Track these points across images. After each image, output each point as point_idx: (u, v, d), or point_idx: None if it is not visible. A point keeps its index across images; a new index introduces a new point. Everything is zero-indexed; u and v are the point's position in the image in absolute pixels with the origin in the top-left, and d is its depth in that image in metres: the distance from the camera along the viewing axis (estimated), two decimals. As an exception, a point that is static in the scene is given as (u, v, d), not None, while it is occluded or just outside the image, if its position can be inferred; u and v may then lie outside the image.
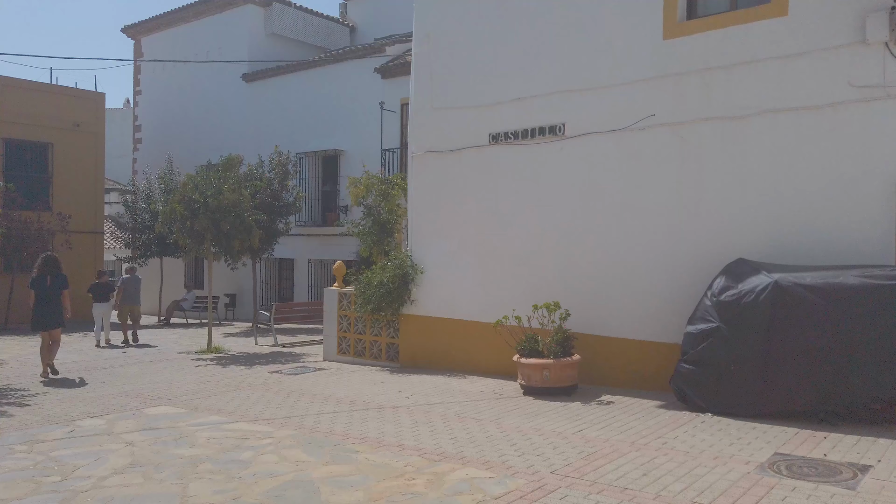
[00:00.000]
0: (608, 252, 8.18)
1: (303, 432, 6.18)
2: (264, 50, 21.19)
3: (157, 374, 9.79)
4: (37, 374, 9.65)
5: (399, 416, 6.81)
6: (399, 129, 16.41)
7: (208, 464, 5.23)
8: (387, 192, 12.83)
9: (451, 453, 5.42)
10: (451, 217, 9.62)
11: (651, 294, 7.82)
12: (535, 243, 8.79)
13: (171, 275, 21.76)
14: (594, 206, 8.31)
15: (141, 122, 24.33)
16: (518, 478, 4.79)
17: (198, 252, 12.40)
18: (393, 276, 9.79)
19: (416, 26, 10.08)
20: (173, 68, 22.64)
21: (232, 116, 21.26)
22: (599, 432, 5.96)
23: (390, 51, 17.47)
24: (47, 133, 19.80)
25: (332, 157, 19.02)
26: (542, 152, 8.72)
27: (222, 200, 11.82)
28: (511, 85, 8.99)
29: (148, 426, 6.47)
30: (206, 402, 7.60)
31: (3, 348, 13.00)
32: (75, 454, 5.52)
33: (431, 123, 9.84)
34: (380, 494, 4.53)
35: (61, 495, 4.56)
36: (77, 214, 19.14)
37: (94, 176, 21.04)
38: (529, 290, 8.55)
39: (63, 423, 6.61)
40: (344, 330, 10.93)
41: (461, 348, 9.42)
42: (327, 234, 18.59)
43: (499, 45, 9.14)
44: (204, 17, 22.20)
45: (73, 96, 20.87)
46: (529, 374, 7.55)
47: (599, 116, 8.23)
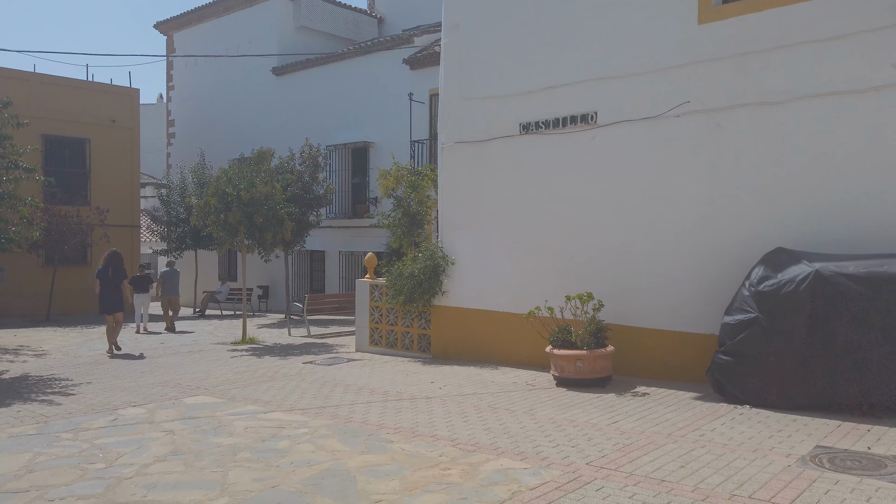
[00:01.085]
0: (642, 242, 8.08)
1: (337, 422, 6.25)
2: (294, 43, 21.33)
3: (194, 364, 9.98)
4: (79, 364, 9.93)
5: (432, 406, 6.84)
6: (428, 120, 16.40)
7: (246, 452, 5.32)
8: (416, 184, 12.86)
9: (485, 444, 5.43)
10: (482, 207, 9.60)
11: (686, 284, 7.71)
12: (566, 233, 8.72)
13: (206, 267, 22.15)
14: (627, 196, 8.20)
15: (174, 117, 24.74)
16: (553, 469, 4.78)
17: (231, 244, 12.58)
18: (424, 267, 9.82)
19: (444, 16, 10.04)
20: (205, 63, 22.94)
21: (262, 110, 21.48)
22: (635, 424, 5.91)
23: (419, 41, 17.45)
24: (84, 129, 20.25)
25: (362, 149, 19.11)
26: (573, 141, 8.64)
27: (255, 193, 11.97)
28: (541, 73, 8.90)
29: (187, 415, 6.61)
30: (243, 391, 7.73)
31: (46, 339, 13.38)
32: (118, 442, 5.66)
33: (461, 114, 9.80)
34: (415, 484, 4.56)
35: (106, 482, 4.68)
36: (114, 208, 19.57)
37: (129, 170, 21.48)
38: (561, 281, 8.50)
39: (106, 412, 6.78)
40: (376, 321, 11.01)
41: (493, 339, 9.42)
42: (357, 226, 18.72)
43: (528, 34, 9.06)
44: (234, 11, 22.44)
45: (109, 92, 21.30)
46: (562, 366, 7.51)
47: (632, 104, 8.11)
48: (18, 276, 18.44)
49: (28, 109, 16.96)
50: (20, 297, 18.36)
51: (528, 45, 9.06)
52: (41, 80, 19.74)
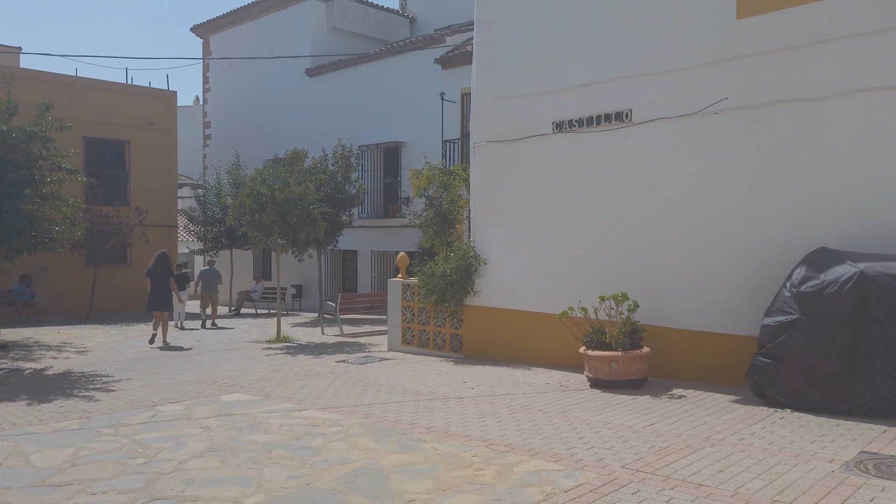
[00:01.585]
0: (678, 242, 7.94)
1: (370, 421, 6.28)
2: (326, 44, 21.53)
3: (230, 362, 10.14)
4: (119, 361, 10.17)
5: (464, 406, 6.82)
6: (460, 120, 16.39)
7: (281, 450, 5.37)
8: (448, 183, 12.85)
9: (519, 445, 5.39)
10: (514, 207, 9.55)
11: (724, 285, 7.55)
12: (600, 233, 8.62)
13: (241, 266, 22.51)
14: (663, 194, 8.07)
15: (210, 119, 25.18)
16: (588, 471, 4.73)
17: (266, 244, 12.75)
18: (456, 266, 9.81)
19: (477, 15, 10.01)
20: (240, 65, 23.30)
21: (296, 111, 21.72)
22: (671, 426, 5.81)
23: (450, 41, 17.45)
24: (124, 131, 20.74)
25: (394, 149, 19.19)
26: (607, 139, 8.54)
27: (289, 194, 12.11)
28: (575, 71, 8.82)
29: (223, 412, 6.71)
30: (277, 389, 7.82)
31: (88, 336, 13.74)
32: (157, 438, 5.78)
33: (493, 113, 9.77)
34: (448, 484, 4.55)
35: (146, 476, 4.78)
36: (152, 209, 20.01)
37: (167, 171, 21.93)
38: (594, 281, 8.41)
39: (145, 408, 6.93)
40: (408, 321, 11.04)
41: (525, 340, 9.36)
42: (389, 226, 18.80)
43: (561, 31, 8.98)
44: (268, 13, 22.73)
45: (147, 95, 21.78)
46: (597, 367, 7.43)
47: (668, 101, 7.98)
48: (61, 275, 18.98)
49: (70, 112, 17.42)
50: (63, 296, 18.88)
51: (561, 43, 8.98)
52: (83, 84, 20.27)
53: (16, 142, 8.78)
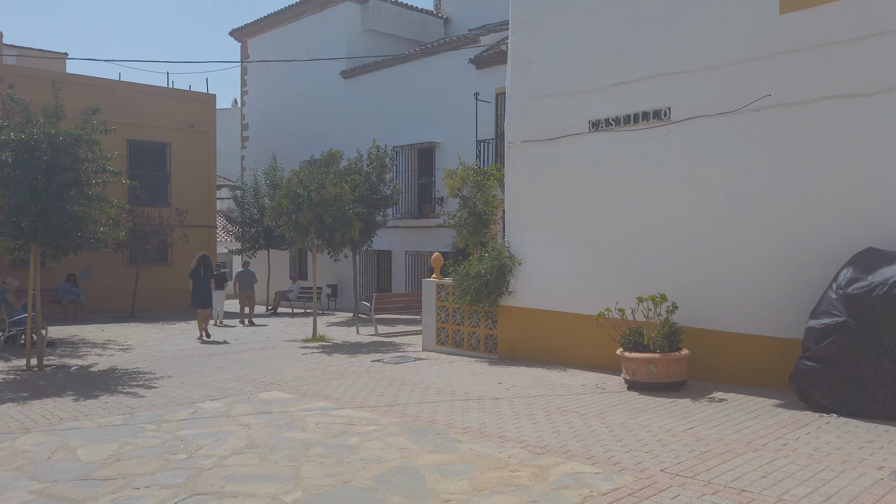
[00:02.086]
0: (718, 242, 7.78)
1: (406, 420, 6.30)
2: (362, 46, 21.70)
3: (267, 360, 10.29)
4: (161, 358, 10.42)
5: (500, 407, 6.80)
6: (494, 120, 16.35)
7: (318, 448, 5.43)
8: (482, 184, 12.83)
9: (555, 447, 5.35)
10: (549, 207, 9.48)
11: (766, 286, 7.37)
12: (637, 233, 8.50)
13: (278, 266, 22.83)
14: (702, 194, 7.92)
15: (248, 121, 25.61)
16: (626, 474, 4.66)
17: (302, 244, 12.90)
18: (490, 267, 9.78)
19: (512, 14, 9.97)
20: (277, 68, 23.65)
21: (331, 112, 21.95)
22: (712, 430, 5.69)
23: (485, 41, 17.43)
24: (165, 134, 21.22)
25: (428, 150, 19.24)
26: (645, 138, 8.41)
27: (325, 194, 12.23)
28: (611, 69, 8.71)
29: (262, 410, 6.81)
30: (314, 388, 7.91)
31: (131, 334, 14.09)
32: (198, 434, 5.89)
33: (528, 112, 9.71)
34: (484, 484, 4.54)
35: (187, 472, 4.87)
36: (192, 209, 20.42)
37: (206, 173, 22.36)
38: (632, 282, 8.30)
39: (186, 405, 7.07)
40: (442, 321, 11.05)
41: (561, 341, 9.29)
42: (423, 226, 18.86)
43: (598, 29, 8.89)
44: (304, 16, 23.02)
45: (187, 98, 22.24)
46: (634, 369, 7.32)
47: (708, 99, 7.83)
48: (105, 274, 19.51)
49: (114, 116, 17.88)
50: (107, 294, 19.41)
51: (597, 41, 8.89)
52: (126, 88, 20.81)
53: (63, 145, 9.04)
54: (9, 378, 8.85)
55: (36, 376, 8.99)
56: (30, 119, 9.41)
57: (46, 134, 9.03)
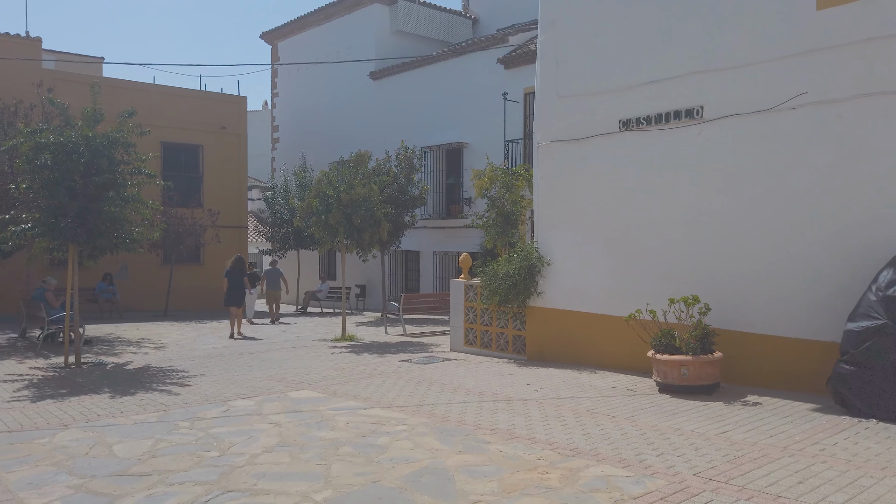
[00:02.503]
0: (753, 243, 7.63)
1: (434, 420, 6.30)
2: (390, 47, 21.80)
3: (297, 359, 10.39)
4: (194, 357, 10.60)
5: (528, 408, 6.77)
6: (522, 120, 16.29)
7: (348, 447, 5.46)
8: (510, 184, 12.79)
9: (585, 449, 5.31)
10: (579, 207, 9.41)
11: (803, 288, 7.21)
12: (668, 234, 8.39)
13: (307, 266, 23.06)
14: (736, 194, 7.78)
15: (278, 123, 25.92)
16: (658, 478, 4.60)
17: (331, 244, 13.00)
18: (519, 267, 9.74)
19: (541, 13, 9.92)
20: (306, 70, 23.88)
21: (360, 113, 22.08)
22: (746, 435, 5.59)
23: (513, 40, 17.37)
24: (198, 136, 21.57)
25: (456, 150, 19.24)
26: (677, 137, 8.30)
27: (353, 195, 12.31)
28: (642, 68, 8.61)
29: (292, 409, 6.88)
30: (343, 387, 7.96)
31: (164, 333, 14.35)
32: (230, 432, 5.97)
33: (557, 112, 9.65)
34: (513, 486, 4.52)
35: (220, 469, 4.95)
36: (224, 210, 20.72)
37: (238, 174, 22.68)
38: (663, 283, 8.19)
39: (218, 403, 7.18)
40: (470, 321, 11.04)
41: (590, 342, 9.21)
42: (451, 227, 18.87)
43: (628, 27, 8.79)
44: (334, 18, 23.20)
45: (220, 101, 22.58)
46: (666, 371, 7.23)
47: (742, 97, 7.69)
48: (140, 273, 19.92)
49: (149, 118, 18.19)
50: (141, 294, 19.80)
51: (628, 39, 8.79)
52: (160, 91, 21.21)
53: (100, 147, 9.24)
54: (48, 375, 9.08)
55: (74, 373, 9.21)
56: (68, 122, 9.64)
57: (84, 137, 9.25)
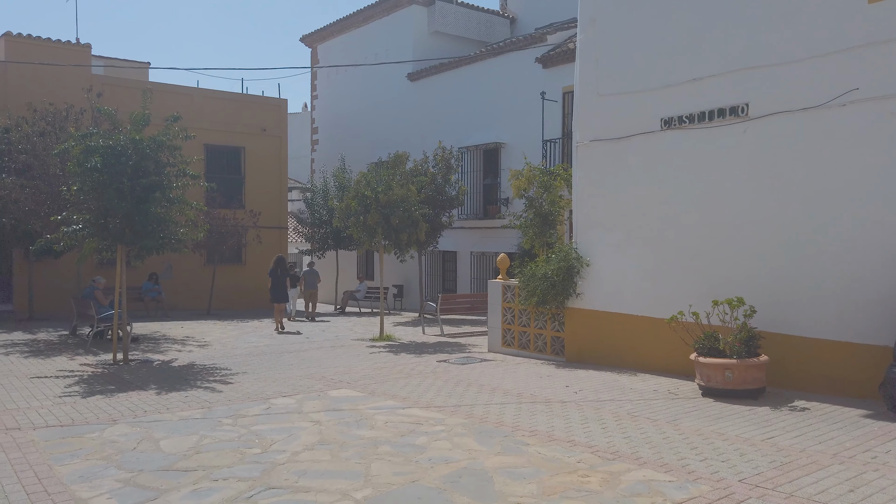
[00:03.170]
0: (801, 244, 7.42)
1: (473, 421, 6.30)
2: (428, 48, 21.86)
3: (336, 358, 10.50)
4: (236, 355, 10.81)
5: (568, 411, 6.71)
6: (561, 119, 16.15)
7: (387, 446, 5.50)
8: (549, 184, 12.68)
9: (626, 453, 5.23)
10: (619, 207, 9.28)
11: (853, 291, 6.97)
12: (712, 234, 8.22)
13: (346, 266, 23.28)
14: (782, 193, 7.57)
15: (318, 125, 26.24)
16: (701, 484, 4.51)
17: (370, 245, 13.09)
18: (557, 268, 9.66)
19: (580, 11, 9.82)
20: (345, 72, 24.12)
21: (398, 115, 22.20)
22: (793, 441, 5.44)
23: (552, 39, 17.25)
24: (239, 138, 21.98)
25: (493, 150, 19.19)
26: (720, 136, 8.12)
27: (391, 196, 12.38)
28: (684, 65, 8.46)
29: (332, 407, 6.95)
30: (382, 387, 8.02)
31: (208, 331, 14.66)
32: (272, 429, 6.07)
33: (597, 111, 9.55)
34: (553, 489, 4.48)
35: (262, 466, 5.03)
36: (265, 211, 21.07)
37: (278, 176, 23.03)
38: (706, 285, 8.03)
39: (260, 401, 7.30)
40: (508, 322, 10.99)
41: (631, 344, 9.08)
42: (488, 227, 18.82)
43: (670, 24, 8.64)
44: (372, 20, 23.38)
45: (261, 104, 22.96)
46: (709, 375, 7.08)
47: (789, 94, 7.48)
48: (184, 273, 20.39)
49: (193, 122, 18.65)
50: (185, 293, 20.27)
51: (670, 36, 8.64)
52: (203, 95, 21.68)
53: (147, 150, 9.51)
54: (97, 371, 9.37)
55: (121, 370, 9.48)
56: (116, 126, 9.93)
57: (132, 140, 9.51)
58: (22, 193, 13.44)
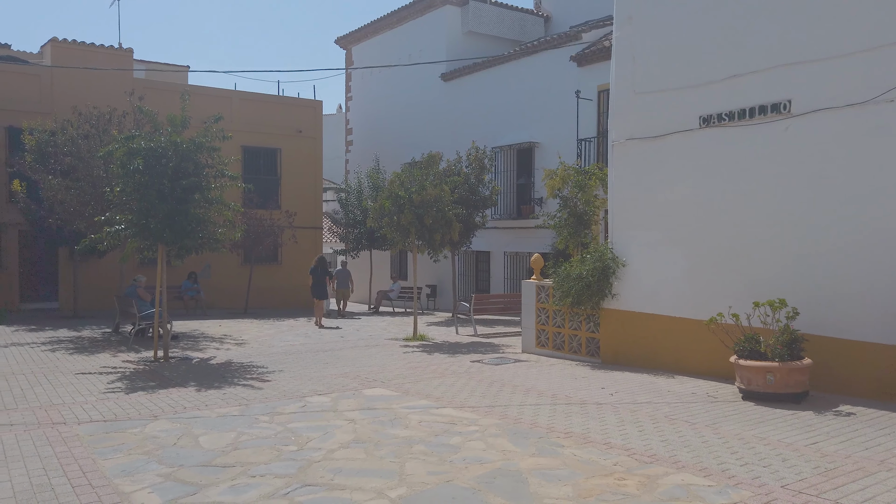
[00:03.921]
0: (845, 244, 7.20)
1: (507, 422, 6.26)
2: (462, 48, 21.85)
3: (370, 357, 10.57)
4: (272, 353, 10.96)
5: (603, 413, 6.62)
6: (596, 118, 15.98)
7: (421, 445, 5.50)
8: (583, 183, 12.56)
9: (663, 456, 5.14)
10: (656, 207, 9.14)
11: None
12: (752, 234, 8.03)
13: (379, 266, 23.42)
14: (826, 192, 7.36)
15: (352, 126, 26.45)
16: (742, 489, 4.41)
17: (403, 245, 13.13)
18: (592, 268, 9.55)
19: (616, 9, 9.70)
20: (379, 73, 24.26)
21: (431, 115, 22.25)
22: (839, 447, 5.28)
23: (586, 37, 17.07)
24: (275, 140, 22.29)
25: (527, 150, 19.09)
26: (761, 133, 7.93)
27: (425, 196, 12.40)
28: (724, 61, 8.28)
29: (366, 406, 6.99)
30: (416, 386, 8.03)
31: (245, 330, 14.90)
32: (307, 427, 6.13)
33: (633, 109, 9.41)
34: (589, 492, 4.43)
35: (298, 463, 5.08)
36: (300, 212, 21.33)
37: (313, 177, 23.28)
38: (745, 286, 7.85)
39: (296, 399, 7.38)
40: (542, 323, 10.92)
41: (668, 346, 8.93)
42: (522, 227, 18.73)
43: (709, 19, 8.47)
44: (406, 21, 23.47)
45: (296, 105, 23.24)
46: (749, 378, 6.91)
47: (833, 90, 7.27)
48: (222, 273, 20.76)
49: (231, 123, 18.94)
50: (223, 292, 20.64)
51: (708, 32, 8.48)
52: (241, 97, 22.04)
53: (187, 152, 9.71)
54: (139, 368, 9.59)
55: (162, 367, 9.69)
56: (157, 128, 10.15)
57: (172, 142, 9.72)
58: (67, 194, 13.84)
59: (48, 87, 18.46)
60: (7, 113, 17.64)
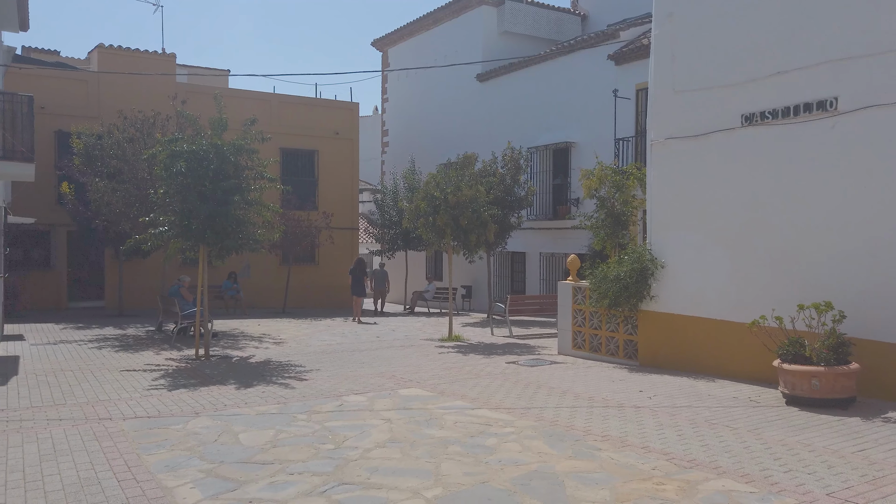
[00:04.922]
0: (893, 244, 6.95)
1: (543, 424, 6.23)
2: (497, 49, 21.80)
3: (406, 358, 10.62)
4: (309, 352, 11.11)
5: (641, 416, 6.53)
6: (634, 117, 15.76)
7: (456, 446, 5.51)
8: (621, 183, 12.41)
9: (703, 461, 5.05)
10: (696, 207, 8.97)
11: (955, 294, 6.48)
12: (797, 235, 7.82)
13: (415, 267, 23.52)
14: (875, 192, 7.12)
15: (388, 127, 26.63)
16: (785, 496, 4.30)
17: (439, 246, 13.16)
18: (630, 270, 9.43)
19: (656, 6, 9.56)
20: (415, 75, 24.37)
21: (467, 115, 22.25)
22: (887, 454, 5.10)
23: (624, 36, 16.87)
24: (313, 141, 22.57)
25: (563, 150, 18.95)
26: (807, 132, 7.72)
27: (460, 197, 12.41)
28: (767, 58, 8.09)
29: (402, 406, 7.03)
30: (451, 387, 8.04)
31: (283, 329, 15.12)
32: (344, 426, 6.19)
33: (673, 108, 9.26)
34: (627, 496, 4.37)
35: (335, 462, 5.14)
36: (337, 213, 21.55)
37: (350, 178, 23.51)
38: (789, 289, 7.64)
39: (333, 398, 7.46)
40: (578, 324, 10.82)
41: (708, 349, 8.75)
42: (558, 228, 18.59)
43: (752, 16, 8.28)
44: (442, 23, 23.53)
45: (333, 107, 23.50)
46: (794, 382, 6.73)
47: (883, 86, 7.03)
48: (260, 273, 21.12)
49: (269, 126, 19.28)
50: (262, 292, 20.99)
51: (751, 29, 8.29)
52: (279, 100, 22.39)
53: (227, 154, 9.91)
54: (181, 366, 9.82)
55: (203, 365, 9.90)
56: (199, 132, 10.38)
57: (213, 145, 9.92)
58: (113, 196, 14.25)
59: (95, 91, 19.04)
60: (56, 117, 18.25)
